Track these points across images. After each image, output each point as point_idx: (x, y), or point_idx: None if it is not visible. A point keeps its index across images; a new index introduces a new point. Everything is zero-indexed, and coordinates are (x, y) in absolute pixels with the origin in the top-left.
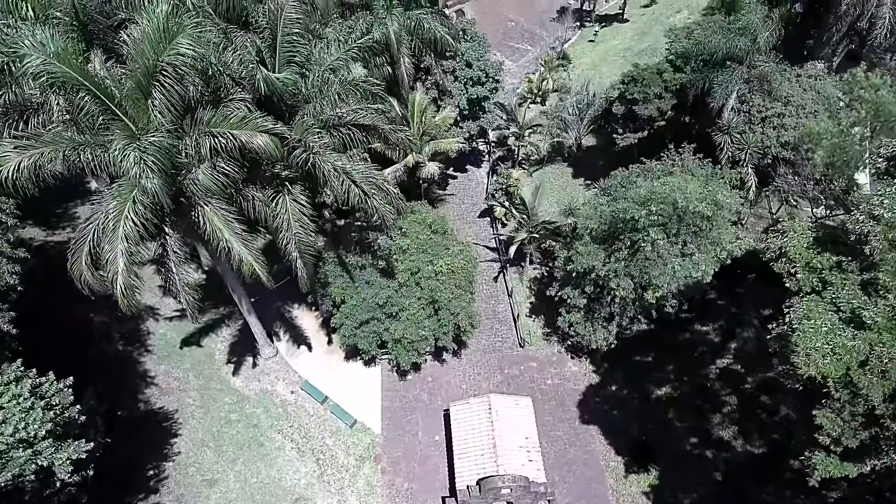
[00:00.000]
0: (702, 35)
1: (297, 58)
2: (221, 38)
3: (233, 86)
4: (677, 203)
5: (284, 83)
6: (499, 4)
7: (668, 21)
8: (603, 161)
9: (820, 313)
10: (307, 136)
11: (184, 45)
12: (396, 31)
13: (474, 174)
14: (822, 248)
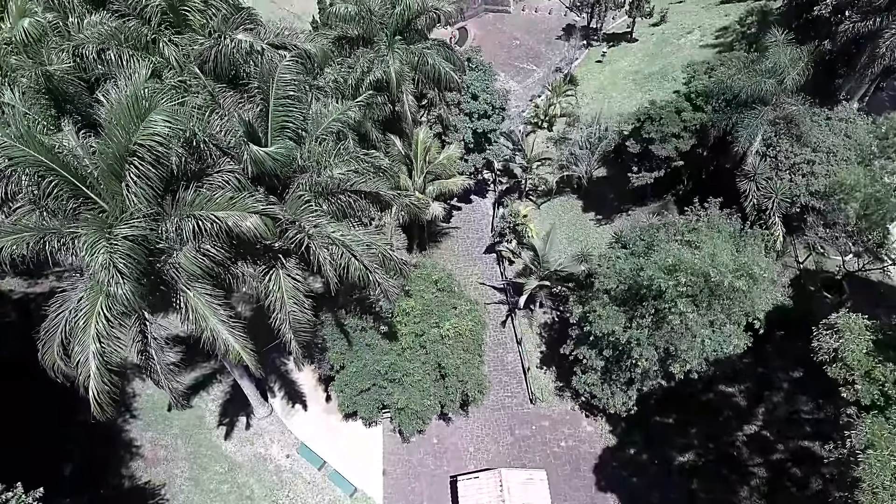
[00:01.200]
0: (724, 74)
1: (292, 123)
2: (208, 101)
3: (220, 156)
4: (710, 277)
5: (275, 159)
6: (503, 22)
7: (678, 42)
8: (614, 194)
9: (887, 440)
10: (302, 215)
11: (159, 123)
12: (398, 70)
13: (479, 205)
14: (885, 356)
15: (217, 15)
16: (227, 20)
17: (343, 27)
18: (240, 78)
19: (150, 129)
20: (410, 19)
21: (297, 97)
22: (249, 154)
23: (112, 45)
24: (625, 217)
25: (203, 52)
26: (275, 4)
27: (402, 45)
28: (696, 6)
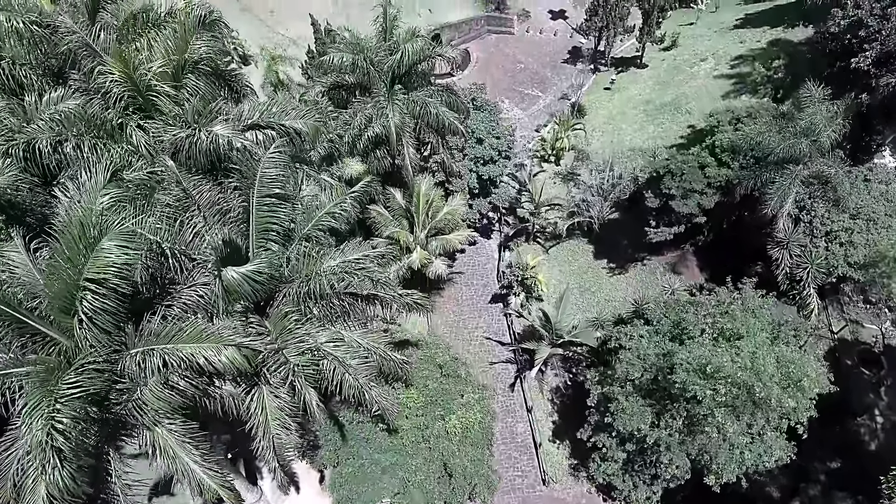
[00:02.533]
0: (753, 131)
1: (277, 224)
2: (181, 197)
3: (193, 266)
4: (754, 392)
5: (255, 280)
6: (506, 44)
7: (691, 70)
8: (628, 240)
9: None
10: (288, 340)
11: (113, 252)
12: (398, 124)
13: (484, 247)
14: None
15: (193, 97)
16: (202, 109)
17: (339, 75)
18: (220, 163)
19: (102, 261)
20: (411, 66)
21: (282, 195)
22: (224, 282)
23: (71, 134)
24: (640, 267)
25: (176, 141)
26: (269, 28)
27: (402, 94)
28: (708, 30)
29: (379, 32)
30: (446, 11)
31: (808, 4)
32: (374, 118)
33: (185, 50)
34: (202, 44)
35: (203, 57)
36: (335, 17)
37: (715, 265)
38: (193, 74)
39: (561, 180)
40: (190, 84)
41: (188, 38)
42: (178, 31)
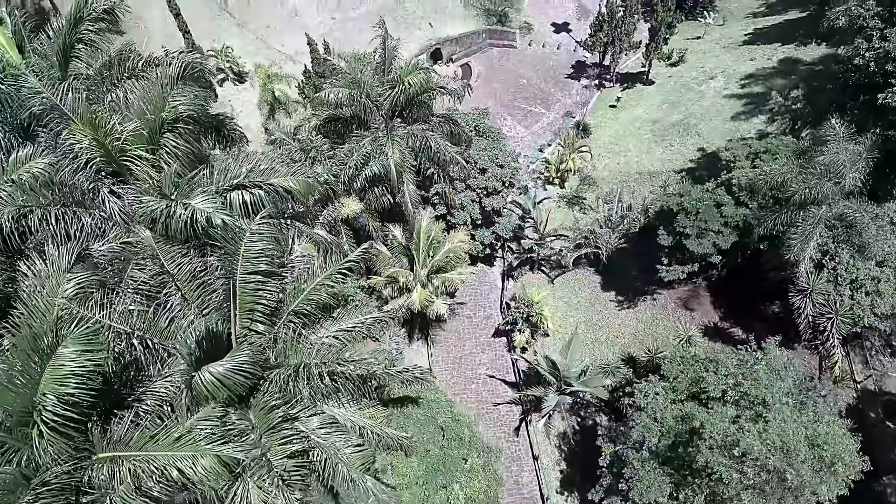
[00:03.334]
0: (774, 171)
1: (263, 304)
2: (158, 274)
3: (169, 356)
4: (786, 479)
5: (235, 377)
6: (509, 58)
7: (699, 89)
8: (637, 271)
9: None
10: (271, 440)
11: (72, 360)
12: (398, 163)
13: (487, 275)
14: None
15: (172, 159)
16: (181, 175)
17: (335, 108)
18: (200, 235)
19: (61, 371)
20: (411, 99)
21: (269, 272)
22: (195, 389)
23: (36, 206)
24: (650, 301)
25: (152, 212)
26: (265, 44)
27: (402, 128)
28: (715, 45)
29: (377, 64)
30: (447, 25)
31: (825, 28)
32: (372, 156)
33: (162, 108)
34: (182, 101)
35: (183, 115)
36: (334, 32)
37: (729, 302)
38: (172, 133)
39: (566, 204)
40: (169, 144)
41: (166, 96)
42: (155, 89)
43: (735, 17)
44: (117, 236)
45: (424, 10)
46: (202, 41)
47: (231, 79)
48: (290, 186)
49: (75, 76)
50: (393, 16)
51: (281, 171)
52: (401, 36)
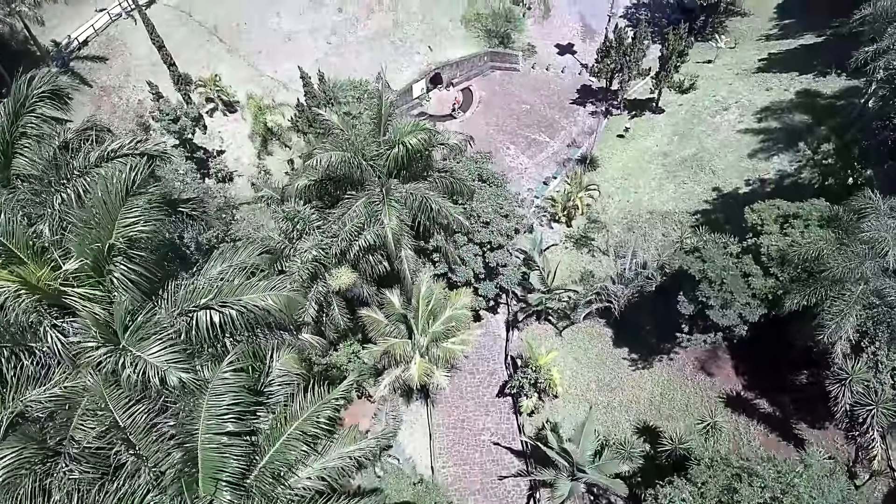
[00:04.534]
0: (810, 243)
1: (229, 474)
2: (107, 432)
3: None
4: None
5: None
6: (511, 82)
7: (712, 120)
8: (651, 325)
9: None
10: None
11: None
12: (396, 231)
13: (490, 324)
14: None
15: (125, 293)
16: (134, 314)
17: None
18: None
19: None
20: (410, 160)
21: (239, 432)
22: None
23: None
24: (666, 362)
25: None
26: (257, 71)
27: (400, 187)
28: (728, 72)
29: (373, 120)
30: (447, 48)
31: (855, 64)
32: (366, 225)
33: (110, 235)
34: (135, 219)
35: (138, 236)
36: (329, 58)
37: (753, 367)
38: (125, 258)
39: (573, 245)
40: (119, 272)
41: (114, 217)
42: (99, 211)
43: (747, 39)
44: (64, 378)
45: (423, 32)
46: (190, 69)
47: (221, 109)
48: (267, 305)
49: (18, 175)
50: (390, 39)
51: (258, 285)
52: (399, 60)
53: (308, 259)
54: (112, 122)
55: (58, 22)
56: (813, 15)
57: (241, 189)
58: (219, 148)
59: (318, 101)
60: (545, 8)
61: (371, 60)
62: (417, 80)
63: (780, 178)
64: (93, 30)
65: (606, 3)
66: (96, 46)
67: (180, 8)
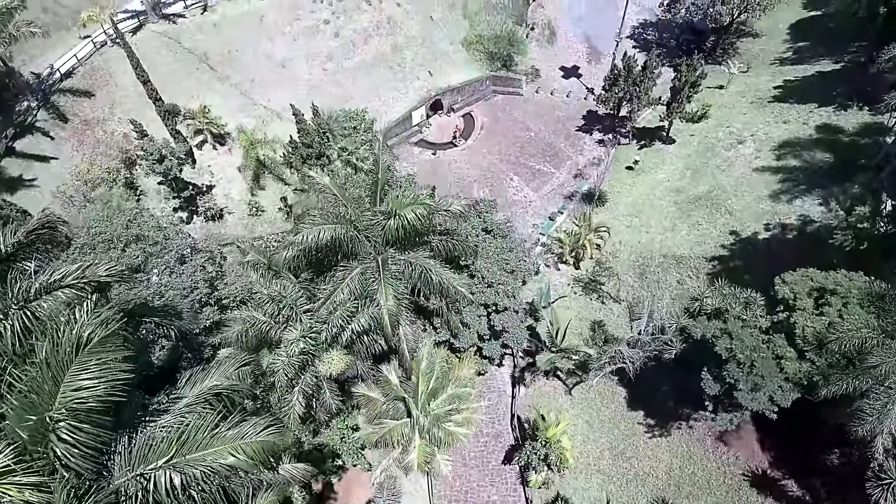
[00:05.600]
0: (851, 331)
1: None
2: None
3: None
4: None
5: None
6: (514, 106)
7: (727, 154)
8: (668, 387)
9: None
10: None
11: None
12: (393, 311)
13: (495, 378)
14: None
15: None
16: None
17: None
18: None
19: None
20: (407, 233)
21: None
22: None
23: None
24: (685, 430)
25: None
26: (249, 100)
27: (397, 256)
28: (741, 100)
29: (370, 186)
30: (448, 73)
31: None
32: (360, 307)
33: (51, 404)
34: (87, 381)
35: (89, 404)
36: (325, 85)
37: (780, 443)
38: (69, 426)
39: (582, 290)
40: (63, 445)
41: (59, 381)
42: (41, 374)
43: (760, 63)
44: None
45: (423, 57)
46: (179, 98)
47: (211, 142)
48: (237, 463)
49: None
50: (389, 65)
51: (225, 436)
52: (398, 86)
53: (295, 353)
54: (95, 158)
55: (39, 52)
56: (827, 38)
57: (231, 227)
58: (208, 183)
59: (312, 137)
60: (549, 31)
61: (369, 87)
62: (417, 107)
63: (802, 224)
64: (76, 59)
65: (612, 23)
66: (79, 77)
67: (168, 34)
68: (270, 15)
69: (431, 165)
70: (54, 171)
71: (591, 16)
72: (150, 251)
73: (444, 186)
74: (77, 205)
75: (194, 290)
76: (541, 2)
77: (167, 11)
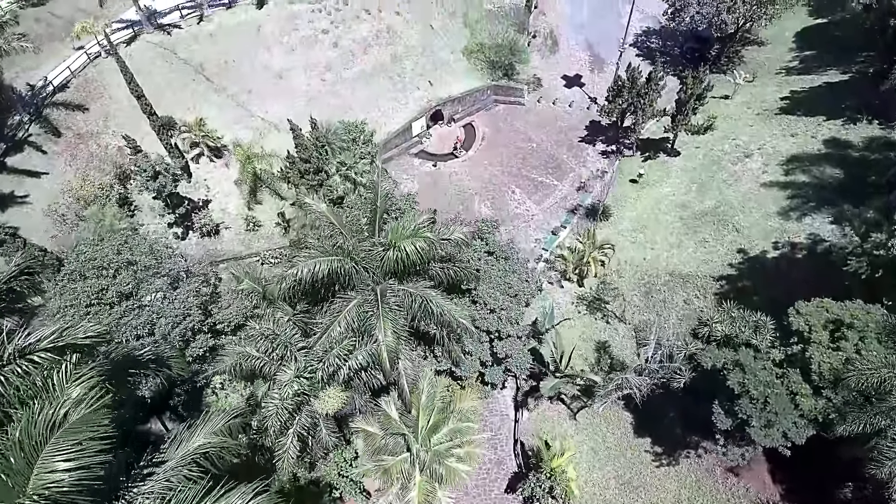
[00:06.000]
0: (870, 370)
1: None
2: None
3: None
4: None
5: None
6: (516, 117)
7: (733, 168)
8: (676, 413)
9: None
10: None
11: None
12: (392, 347)
13: (497, 400)
14: None
15: None
16: None
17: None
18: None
19: None
20: (406, 266)
21: None
22: None
23: None
24: (693, 459)
25: None
26: (246, 111)
27: (396, 286)
28: (748, 111)
29: (368, 214)
30: (449, 83)
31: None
32: (358, 343)
33: (22, 491)
34: (63, 463)
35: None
36: (323, 95)
37: (791, 475)
38: None
39: (586, 308)
40: None
41: (32, 464)
42: (7, 462)
43: (766, 73)
44: None
45: (423, 66)
46: (175, 110)
47: (207, 155)
48: None
49: None
50: (388, 75)
51: None
52: (397, 96)
53: (288, 395)
54: (88, 173)
55: (34, 64)
56: (834, 47)
57: (227, 243)
58: (205, 197)
59: (310, 152)
60: (552, 41)
61: (368, 98)
62: (417, 118)
63: (812, 244)
64: (69, 71)
65: (614, 30)
66: (73, 90)
67: (163, 45)
68: (268, 25)
69: (432, 177)
70: (46, 187)
71: (594, 23)
72: (142, 276)
73: (444, 199)
74: (69, 223)
75: (186, 318)
76: (542, 9)
77: (163, 21)
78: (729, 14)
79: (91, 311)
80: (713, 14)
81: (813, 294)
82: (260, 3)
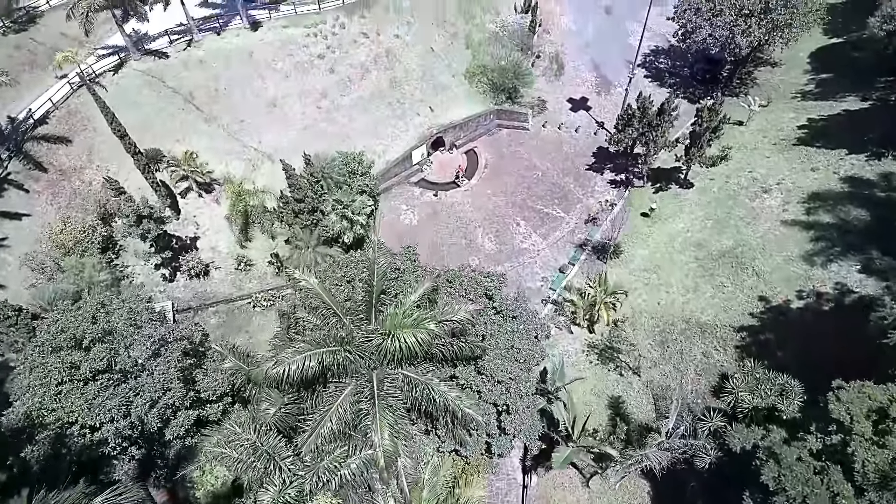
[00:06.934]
0: None
1: None
2: None
3: None
4: None
5: None
6: (520, 143)
7: (751, 205)
8: (698, 483)
9: None
10: None
11: None
12: (389, 451)
13: (504, 466)
14: None
15: None
16: None
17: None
18: None
19: None
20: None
21: None
22: None
23: None
24: None
25: None
26: (238, 141)
27: (395, 375)
28: (764, 139)
29: (364, 300)
30: (449, 107)
31: None
32: (350, 449)
33: None
34: None
35: None
36: (319, 123)
37: None
38: None
39: (598, 358)
40: None
41: None
42: None
43: (781, 97)
44: None
45: (423, 91)
46: (164, 141)
47: (196, 190)
48: None
49: None
50: (387, 101)
51: None
52: (396, 123)
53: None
54: (70, 213)
55: (15, 93)
56: (851, 70)
57: (217, 284)
58: (193, 235)
59: (304, 192)
60: (557, 64)
61: (366, 125)
62: (417, 146)
63: (839, 294)
64: (51, 103)
65: (621, 49)
66: (55, 122)
67: (151, 73)
68: (260, 50)
69: (433, 208)
70: (26, 230)
71: (599, 42)
72: (117, 348)
73: (446, 231)
74: (48, 272)
75: (167, 393)
76: (546, 28)
77: (150, 47)
78: (743, 37)
79: (62, 389)
80: (727, 37)
81: (843, 353)
82: (254, 27)
